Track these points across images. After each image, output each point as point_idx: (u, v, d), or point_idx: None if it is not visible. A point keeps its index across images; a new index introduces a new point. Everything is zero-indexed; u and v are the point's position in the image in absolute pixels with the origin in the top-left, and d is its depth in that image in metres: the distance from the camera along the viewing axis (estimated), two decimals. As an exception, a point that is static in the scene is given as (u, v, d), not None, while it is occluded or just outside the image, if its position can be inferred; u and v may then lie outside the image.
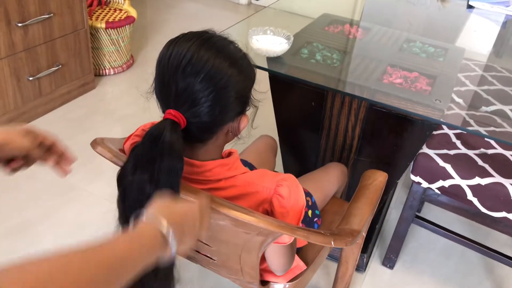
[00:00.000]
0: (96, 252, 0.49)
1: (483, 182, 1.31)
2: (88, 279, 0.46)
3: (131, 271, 0.51)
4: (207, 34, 0.76)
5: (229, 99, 0.75)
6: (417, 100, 1.19)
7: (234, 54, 0.76)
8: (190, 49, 0.72)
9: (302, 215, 0.84)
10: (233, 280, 1.06)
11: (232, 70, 0.74)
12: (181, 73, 0.72)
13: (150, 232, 0.56)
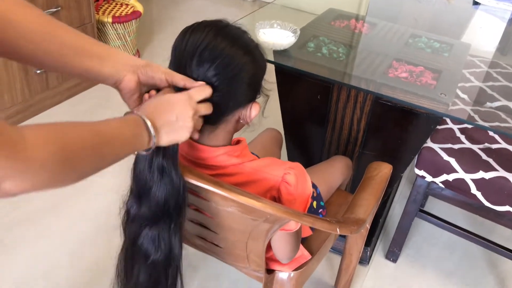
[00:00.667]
0: (94, 124, 0.58)
1: (487, 176, 1.32)
2: (84, 145, 0.55)
3: (121, 145, 0.61)
4: (223, 22, 0.78)
5: (242, 85, 0.78)
6: (423, 94, 1.20)
7: (248, 43, 0.78)
8: (207, 37, 0.74)
9: (309, 203, 0.85)
10: (239, 268, 1.07)
11: (246, 58, 0.76)
12: (197, 59, 0.73)
13: (133, 117, 0.64)
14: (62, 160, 0.52)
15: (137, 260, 0.79)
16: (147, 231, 0.76)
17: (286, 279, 1.05)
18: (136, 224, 0.77)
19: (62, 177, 0.53)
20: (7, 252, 1.52)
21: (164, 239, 0.76)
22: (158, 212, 0.75)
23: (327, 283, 1.54)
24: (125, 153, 0.62)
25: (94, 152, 0.57)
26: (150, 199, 0.75)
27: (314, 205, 1.16)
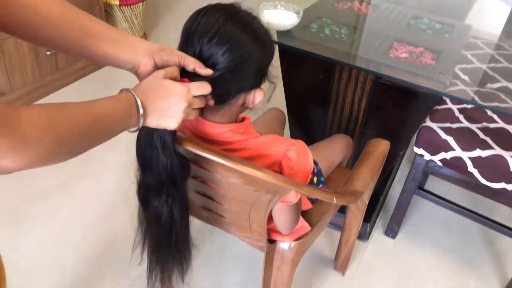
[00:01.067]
0: (87, 104, 0.61)
1: (484, 154, 1.36)
2: (76, 125, 0.58)
3: (111, 126, 0.64)
4: (235, 8, 0.81)
5: (248, 71, 0.81)
6: (421, 74, 1.23)
7: (258, 29, 0.81)
8: (218, 21, 0.77)
9: (309, 177, 0.90)
10: (242, 238, 1.13)
11: (254, 45, 0.79)
12: (206, 42, 0.77)
13: (127, 96, 0.66)
14: (57, 139, 0.55)
15: (149, 222, 0.85)
16: (153, 198, 0.82)
17: (287, 248, 1.10)
18: (143, 191, 0.82)
19: (56, 155, 0.57)
20: (21, 225, 1.59)
21: (168, 206, 0.82)
22: (160, 182, 0.80)
23: (328, 257, 1.60)
24: (114, 132, 0.65)
25: (86, 131, 0.60)
26: (152, 170, 0.80)
27: (315, 180, 1.21)
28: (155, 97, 0.68)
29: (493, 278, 1.59)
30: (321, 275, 1.55)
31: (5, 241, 1.54)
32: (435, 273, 1.59)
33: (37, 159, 0.54)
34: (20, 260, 1.48)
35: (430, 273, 1.59)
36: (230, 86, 0.80)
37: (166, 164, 0.78)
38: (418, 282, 1.55)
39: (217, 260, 1.56)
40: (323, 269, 1.57)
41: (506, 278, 1.59)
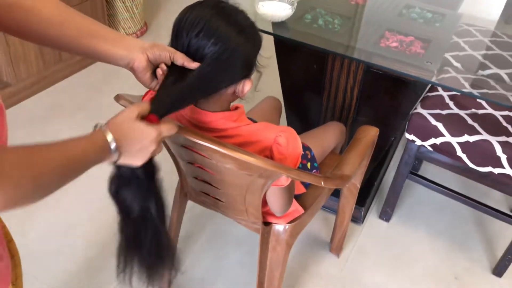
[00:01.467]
0: (62, 146, 0.63)
1: (471, 140, 1.42)
2: (52, 166, 0.60)
3: (84, 166, 0.66)
4: (221, 3, 0.86)
5: (235, 64, 0.86)
6: (410, 62, 1.28)
7: (243, 23, 0.86)
8: (205, 16, 0.82)
9: (299, 162, 0.96)
10: (239, 221, 1.19)
11: (240, 39, 0.84)
12: (194, 36, 0.82)
13: (101, 140, 0.68)
14: (35, 179, 0.57)
15: (121, 215, 0.86)
16: (123, 191, 0.84)
17: (282, 230, 1.17)
18: (115, 183, 0.84)
19: (32, 195, 0.58)
20: (29, 210, 1.66)
21: (138, 200, 0.83)
22: (131, 174, 0.81)
23: (324, 240, 1.67)
24: (87, 169, 0.67)
25: (61, 171, 0.62)
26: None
27: (308, 166, 1.27)
28: (129, 140, 0.70)
29: (483, 259, 1.66)
30: (317, 256, 1.61)
31: (14, 226, 1.60)
32: (427, 255, 1.65)
33: (15, 200, 0.55)
34: (29, 244, 1.55)
35: (423, 254, 1.65)
36: (218, 77, 0.86)
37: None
38: (410, 263, 1.62)
39: (217, 243, 1.63)
40: (319, 251, 1.63)
41: (496, 259, 1.65)
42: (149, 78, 0.83)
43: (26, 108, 2.18)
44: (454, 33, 1.90)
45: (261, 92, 1.76)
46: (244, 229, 1.66)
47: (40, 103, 2.22)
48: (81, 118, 2.13)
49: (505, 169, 1.39)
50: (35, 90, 2.24)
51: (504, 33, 1.99)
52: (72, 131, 2.04)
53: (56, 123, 2.09)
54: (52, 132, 2.04)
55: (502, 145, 1.38)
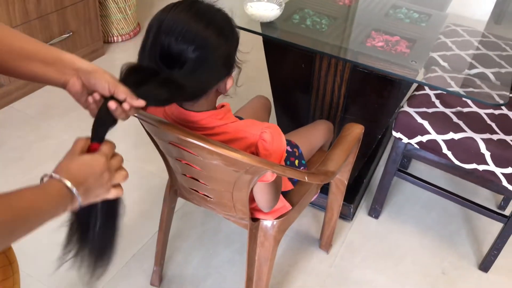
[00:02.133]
0: (3, 199, 0.56)
1: (456, 137, 1.45)
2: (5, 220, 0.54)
3: (36, 219, 0.60)
4: (197, 3, 0.87)
5: (218, 64, 0.88)
6: (395, 61, 1.31)
7: (221, 23, 0.87)
8: (183, 20, 0.83)
9: (283, 157, 0.98)
10: (227, 217, 1.22)
11: (220, 40, 0.85)
12: (174, 41, 0.82)
13: (55, 187, 0.63)
14: None
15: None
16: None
17: (270, 226, 1.19)
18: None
19: None
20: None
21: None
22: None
23: (314, 237, 1.70)
24: (43, 222, 0.61)
25: (8, 226, 0.55)
26: None
27: (296, 163, 1.30)
28: (82, 177, 0.66)
29: (470, 255, 1.69)
30: (307, 253, 1.64)
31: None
32: (416, 251, 1.68)
33: None
34: (24, 242, 1.57)
35: (411, 250, 1.68)
36: (204, 81, 0.87)
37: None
38: (399, 259, 1.64)
39: (208, 240, 1.65)
40: (309, 247, 1.66)
41: (482, 254, 1.68)
42: (85, 102, 0.78)
43: (19, 108, 2.19)
44: (442, 33, 1.93)
45: (251, 90, 1.79)
46: (234, 227, 1.68)
47: (32, 103, 2.23)
48: (73, 118, 2.14)
49: (489, 166, 1.42)
50: (28, 90, 2.26)
51: (491, 33, 2.03)
52: (64, 131, 2.06)
53: (49, 123, 2.11)
54: (44, 132, 2.05)
55: (486, 142, 1.41)
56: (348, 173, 1.37)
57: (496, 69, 1.77)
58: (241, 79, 0.99)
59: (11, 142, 1.98)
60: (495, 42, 1.95)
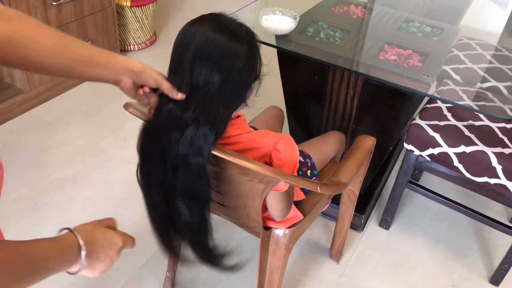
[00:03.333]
0: (20, 246, 0.58)
1: (468, 150, 1.46)
2: (10, 265, 0.55)
3: (46, 268, 0.60)
4: (222, 22, 0.89)
5: (246, 79, 0.92)
6: (407, 75, 1.33)
7: (248, 38, 0.90)
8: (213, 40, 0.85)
9: (296, 167, 1.01)
10: (240, 225, 1.24)
11: (244, 62, 0.88)
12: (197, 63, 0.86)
13: (70, 242, 0.65)
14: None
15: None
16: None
17: (281, 235, 1.22)
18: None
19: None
20: (39, 213, 1.73)
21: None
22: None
23: (324, 246, 1.71)
24: (45, 276, 0.61)
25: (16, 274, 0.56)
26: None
27: (308, 173, 1.32)
28: (98, 246, 0.69)
29: (481, 268, 1.69)
30: (317, 262, 1.65)
31: (24, 228, 1.67)
32: (426, 263, 1.69)
33: None
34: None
35: (421, 262, 1.69)
36: (237, 96, 0.92)
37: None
38: (409, 271, 1.65)
39: (220, 247, 1.68)
40: (320, 257, 1.67)
41: (493, 267, 1.68)
42: (133, 95, 0.90)
43: (37, 114, 2.25)
44: (454, 46, 1.95)
45: (265, 101, 1.81)
46: (246, 235, 1.70)
47: (51, 109, 2.29)
48: (90, 125, 2.19)
49: (500, 180, 1.43)
50: (47, 97, 2.32)
51: (504, 46, 2.04)
52: (81, 137, 2.11)
53: (66, 129, 2.16)
54: (61, 138, 2.11)
55: (498, 156, 1.42)
56: (359, 184, 1.39)
57: (508, 82, 1.78)
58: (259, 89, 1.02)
59: (29, 147, 2.04)
60: (508, 55, 1.96)
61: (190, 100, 0.87)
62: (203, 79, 0.86)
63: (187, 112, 0.87)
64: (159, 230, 1.01)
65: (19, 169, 1.91)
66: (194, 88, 0.87)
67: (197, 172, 0.88)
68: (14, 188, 1.82)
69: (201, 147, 0.88)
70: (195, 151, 0.88)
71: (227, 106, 0.90)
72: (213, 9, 0.97)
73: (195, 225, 0.96)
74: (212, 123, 0.88)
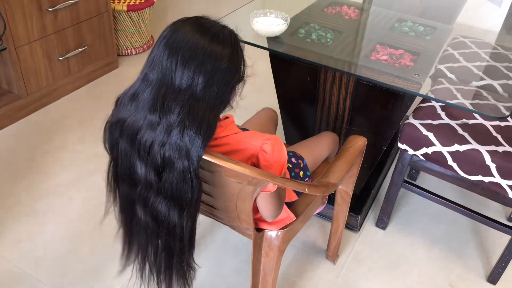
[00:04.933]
0: None
1: (461, 149, 1.45)
2: None
3: None
4: (204, 24, 0.90)
5: (230, 85, 0.92)
6: (398, 75, 1.33)
7: (231, 41, 0.91)
8: (198, 44, 0.86)
9: (284, 168, 1.01)
10: (232, 227, 1.25)
11: (227, 64, 0.89)
12: (191, 70, 0.86)
13: None
14: None
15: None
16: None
17: (274, 236, 1.21)
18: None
19: None
20: (38, 218, 1.73)
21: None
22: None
23: (321, 247, 1.71)
24: None
25: None
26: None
27: (301, 174, 1.32)
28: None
29: (478, 267, 1.68)
30: (313, 263, 1.65)
31: (22, 234, 1.68)
32: (423, 263, 1.68)
33: None
34: (36, 249, 1.62)
35: (418, 262, 1.68)
36: (224, 98, 0.92)
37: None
38: (406, 271, 1.65)
39: (216, 250, 1.68)
40: (316, 258, 1.67)
41: (490, 266, 1.67)
42: None
43: (35, 120, 2.26)
44: (449, 45, 1.94)
45: (258, 103, 1.82)
46: (242, 237, 1.71)
47: (48, 115, 2.30)
48: (88, 130, 2.20)
49: (494, 178, 1.43)
50: (45, 102, 2.33)
51: (500, 44, 2.03)
52: (78, 142, 2.12)
53: (63, 135, 2.17)
54: (59, 143, 2.12)
55: (491, 154, 1.42)
56: (352, 184, 1.39)
57: (504, 80, 1.77)
58: (249, 91, 1.02)
59: (27, 152, 2.05)
60: (504, 53, 1.95)
61: (173, 103, 0.87)
62: (186, 80, 0.86)
63: (171, 115, 0.86)
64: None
65: (16, 175, 1.92)
66: (176, 90, 0.87)
67: (182, 176, 0.89)
68: (11, 194, 1.83)
69: (188, 149, 0.88)
70: (181, 154, 0.88)
71: (212, 108, 0.90)
72: (209, 13, 0.98)
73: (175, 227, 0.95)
74: (198, 125, 0.87)
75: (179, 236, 0.96)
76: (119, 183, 0.99)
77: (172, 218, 0.93)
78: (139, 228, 1.00)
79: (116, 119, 0.93)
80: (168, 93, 0.87)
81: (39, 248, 1.63)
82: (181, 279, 1.04)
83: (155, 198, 0.93)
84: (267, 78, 1.94)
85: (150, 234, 0.99)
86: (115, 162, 0.97)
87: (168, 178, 0.89)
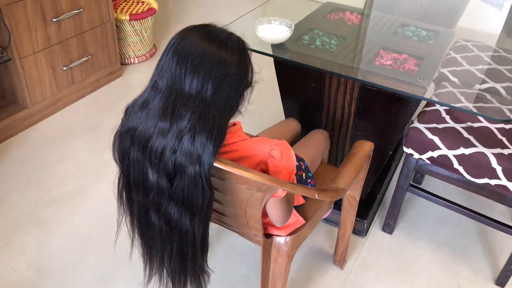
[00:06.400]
0: None
1: (467, 152, 1.46)
2: None
3: None
4: (212, 32, 0.91)
5: (236, 95, 0.92)
6: (403, 79, 1.34)
7: (239, 48, 0.92)
8: (205, 51, 0.87)
9: (293, 173, 1.02)
10: (241, 234, 1.25)
11: (236, 70, 0.90)
12: (190, 76, 0.87)
13: None
14: None
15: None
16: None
17: (283, 242, 1.22)
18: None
19: None
20: (45, 227, 1.74)
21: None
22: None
23: (328, 253, 1.71)
24: None
25: None
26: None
27: (304, 176, 1.33)
28: None
29: (486, 270, 1.68)
30: (321, 269, 1.65)
31: (30, 243, 1.68)
32: (430, 266, 1.68)
33: None
34: (44, 259, 1.62)
35: (425, 266, 1.68)
36: (233, 103, 0.93)
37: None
38: (413, 275, 1.65)
39: (224, 257, 1.68)
40: (323, 263, 1.67)
41: (498, 269, 1.67)
42: None
43: (40, 129, 2.27)
44: (452, 48, 1.96)
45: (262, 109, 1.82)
46: (249, 244, 1.71)
47: (53, 125, 2.31)
48: (92, 138, 2.21)
49: (501, 180, 1.43)
50: (49, 112, 2.34)
51: (502, 47, 2.04)
52: (84, 151, 2.12)
53: (69, 144, 2.18)
54: (64, 153, 2.12)
55: (497, 157, 1.42)
56: (359, 189, 1.39)
57: (506, 83, 1.78)
58: (257, 97, 1.03)
59: (32, 162, 2.05)
60: (506, 56, 1.96)
61: (183, 109, 0.87)
62: (196, 86, 0.87)
63: (182, 121, 0.87)
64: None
65: (22, 184, 1.93)
66: (186, 96, 0.88)
67: (193, 181, 0.89)
68: (18, 204, 1.83)
69: (199, 155, 0.88)
70: (193, 160, 0.88)
71: (223, 114, 0.91)
72: (211, 20, 0.99)
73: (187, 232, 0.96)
74: (209, 130, 0.88)
75: (192, 241, 0.97)
76: (132, 192, 1.00)
77: (184, 224, 0.94)
78: (154, 232, 1.01)
79: (127, 128, 0.94)
80: (178, 99, 0.87)
81: (46, 258, 1.63)
82: (195, 283, 1.05)
83: (167, 204, 0.93)
84: (271, 84, 1.94)
85: (164, 239, 1.00)
86: (127, 172, 0.97)
87: (179, 184, 0.90)
